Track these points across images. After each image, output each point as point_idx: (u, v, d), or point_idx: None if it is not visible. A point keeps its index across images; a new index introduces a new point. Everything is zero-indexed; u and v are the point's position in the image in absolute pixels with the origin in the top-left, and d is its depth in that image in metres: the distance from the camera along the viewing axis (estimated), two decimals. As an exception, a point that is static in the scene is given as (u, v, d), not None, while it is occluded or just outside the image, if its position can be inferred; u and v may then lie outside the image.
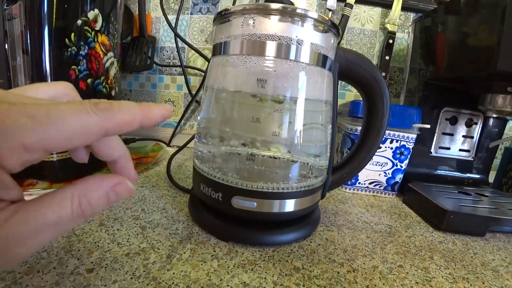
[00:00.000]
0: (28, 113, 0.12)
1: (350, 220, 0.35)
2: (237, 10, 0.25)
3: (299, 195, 0.27)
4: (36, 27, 0.33)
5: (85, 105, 0.13)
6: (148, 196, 0.36)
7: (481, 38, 0.36)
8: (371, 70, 0.30)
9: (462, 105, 0.48)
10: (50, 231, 0.13)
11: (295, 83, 0.26)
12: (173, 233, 0.28)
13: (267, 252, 0.26)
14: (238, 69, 0.26)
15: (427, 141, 0.49)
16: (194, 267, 0.23)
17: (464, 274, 0.26)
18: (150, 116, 0.15)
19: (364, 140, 0.33)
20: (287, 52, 0.25)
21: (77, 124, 0.12)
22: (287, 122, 0.27)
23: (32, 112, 0.12)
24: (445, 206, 0.35)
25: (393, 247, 0.30)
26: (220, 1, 0.64)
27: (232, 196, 0.26)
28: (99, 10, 0.39)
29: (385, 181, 0.45)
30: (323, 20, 0.25)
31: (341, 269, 0.25)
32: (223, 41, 0.27)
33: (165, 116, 0.16)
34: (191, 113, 0.70)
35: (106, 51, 0.42)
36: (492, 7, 0.34)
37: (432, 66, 0.47)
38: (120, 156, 0.18)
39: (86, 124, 0.13)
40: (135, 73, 0.70)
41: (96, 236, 0.26)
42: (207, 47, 0.66)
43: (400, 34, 0.63)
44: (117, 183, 0.15)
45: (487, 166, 0.51)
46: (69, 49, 0.36)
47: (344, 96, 0.65)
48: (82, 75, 0.38)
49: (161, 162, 0.51)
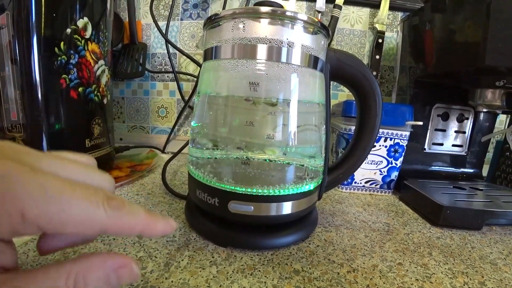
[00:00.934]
0: (42, 184, 0.11)
1: (348, 220, 0.35)
2: (227, 15, 0.25)
3: (295, 197, 0.27)
4: (25, 37, 0.33)
5: (99, 196, 0.12)
6: (143, 204, 0.35)
7: (468, 34, 0.36)
8: (362, 69, 0.30)
9: (453, 101, 0.48)
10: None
11: (287, 85, 0.26)
12: (170, 241, 0.28)
13: (266, 255, 0.26)
14: (230, 73, 0.26)
15: (420, 138, 0.49)
16: (192, 274, 0.23)
17: (463, 268, 0.26)
18: (151, 230, 0.14)
19: (358, 140, 0.33)
20: (278, 55, 0.25)
21: (83, 213, 0.12)
22: (281, 124, 0.27)
23: (46, 184, 0.11)
24: (441, 202, 0.35)
25: (392, 245, 0.30)
26: (210, 6, 0.65)
27: (229, 201, 0.26)
28: (89, 18, 0.39)
29: (381, 179, 0.46)
30: (313, 22, 0.26)
31: (341, 269, 0.25)
32: (214, 45, 0.27)
33: (166, 233, 0.15)
34: (185, 119, 0.70)
35: (97, 59, 0.42)
36: (477, 3, 0.35)
37: (421, 64, 0.48)
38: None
39: (92, 216, 0.12)
40: (127, 81, 0.70)
41: (92, 246, 0.26)
42: (198, 53, 0.66)
43: (389, 33, 0.64)
44: (121, 266, 0.14)
45: (480, 160, 0.51)
46: (59, 58, 0.35)
47: (337, 97, 0.66)
48: (73, 84, 0.37)
49: (156, 169, 0.51)
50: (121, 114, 0.72)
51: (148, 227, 0.14)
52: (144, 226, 0.14)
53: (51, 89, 0.35)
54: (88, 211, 0.12)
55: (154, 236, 0.15)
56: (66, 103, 0.37)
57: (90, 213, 0.12)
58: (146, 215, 0.14)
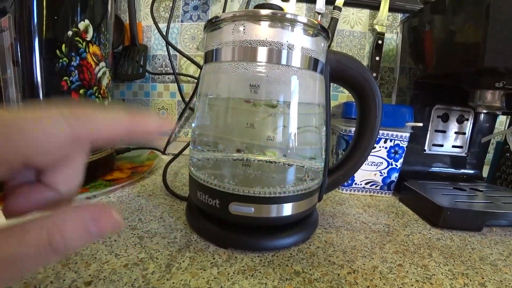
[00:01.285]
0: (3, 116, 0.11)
1: (348, 221, 0.35)
2: (227, 17, 0.26)
3: (296, 199, 0.28)
4: (26, 39, 0.33)
5: (57, 110, 0.12)
6: (144, 206, 0.36)
7: (468, 36, 0.37)
8: (362, 71, 0.30)
9: (452, 102, 0.49)
10: (9, 269, 0.11)
11: (287, 87, 0.26)
12: (171, 242, 0.28)
13: (266, 257, 0.26)
14: (230, 75, 0.26)
15: (421, 139, 0.49)
16: (194, 276, 0.23)
17: (463, 270, 0.26)
18: (141, 127, 0.13)
19: (358, 141, 0.33)
20: (278, 57, 0.25)
21: (44, 130, 0.11)
22: (281, 126, 0.27)
23: (7, 116, 0.11)
24: (441, 203, 0.35)
25: (392, 246, 0.30)
26: (210, 8, 0.65)
27: (230, 202, 0.26)
28: (90, 20, 0.39)
29: (381, 181, 0.46)
30: (312, 24, 0.26)
31: (341, 271, 0.25)
32: (214, 48, 0.27)
33: (160, 130, 0.14)
34: (185, 120, 0.70)
35: (98, 61, 0.42)
36: (476, 5, 0.35)
37: (421, 65, 0.48)
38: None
39: (52, 130, 0.11)
40: (127, 82, 0.70)
41: (93, 248, 0.26)
42: (199, 54, 0.66)
43: (388, 34, 0.64)
44: (100, 214, 0.12)
45: (480, 161, 0.51)
46: (61, 60, 0.35)
47: (337, 98, 0.66)
48: (74, 86, 0.38)
49: (157, 171, 0.51)
50: (122, 116, 0.72)
51: (133, 124, 0.13)
52: (128, 125, 0.13)
53: (53, 91, 0.35)
54: (47, 126, 0.12)
55: (149, 136, 0.13)
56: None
57: (50, 127, 0.12)
58: (125, 114, 0.13)
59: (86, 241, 0.12)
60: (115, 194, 0.39)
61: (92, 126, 0.13)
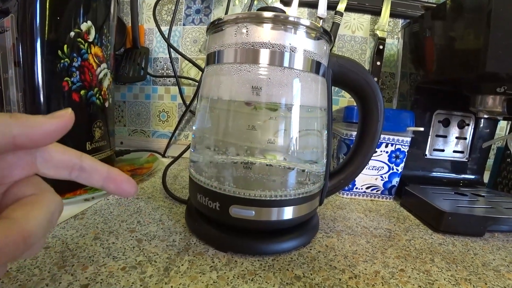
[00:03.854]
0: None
1: (349, 226, 0.35)
2: (230, 19, 0.26)
3: (297, 202, 0.27)
4: (28, 40, 0.33)
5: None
6: (143, 208, 0.35)
7: (468, 41, 0.37)
8: (364, 75, 0.30)
9: (453, 107, 0.49)
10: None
11: (289, 90, 0.26)
12: (170, 245, 0.27)
13: (266, 261, 0.26)
14: (232, 77, 0.26)
15: (422, 144, 0.49)
16: (192, 279, 0.23)
17: (466, 275, 0.26)
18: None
19: (359, 145, 0.33)
20: (280, 60, 0.25)
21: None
22: (282, 129, 0.27)
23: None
24: (443, 208, 0.35)
25: (394, 251, 0.29)
26: (213, 12, 0.65)
27: (230, 205, 0.26)
28: (92, 22, 0.39)
29: (382, 185, 0.46)
30: (315, 27, 0.26)
31: (343, 275, 0.25)
32: (216, 50, 0.27)
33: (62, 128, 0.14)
34: (186, 123, 0.70)
35: (99, 62, 0.42)
36: (477, 11, 0.35)
37: (422, 70, 0.48)
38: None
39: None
40: (128, 85, 0.70)
41: (91, 250, 0.25)
42: (200, 57, 0.66)
43: (389, 40, 0.64)
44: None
45: (481, 166, 0.51)
46: (62, 61, 0.35)
47: (338, 102, 0.66)
48: (75, 86, 0.38)
49: (156, 173, 0.50)
50: (122, 118, 0.72)
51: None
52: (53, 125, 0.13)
53: (53, 92, 0.35)
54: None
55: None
56: (68, 106, 0.37)
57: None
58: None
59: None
60: (114, 196, 0.38)
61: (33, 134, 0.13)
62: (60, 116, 0.14)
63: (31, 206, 0.13)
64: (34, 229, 0.12)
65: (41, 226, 0.13)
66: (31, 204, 0.14)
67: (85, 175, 0.16)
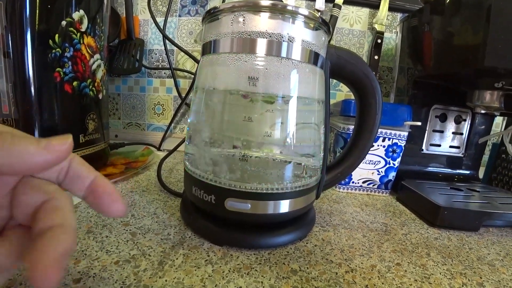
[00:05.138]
0: None
1: (346, 220, 0.35)
2: (226, 8, 0.25)
3: (293, 196, 0.27)
4: (18, 29, 0.32)
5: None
6: (138, 201, 0.35)
7: (467, 36, 0.36)
8: (363, 67, 0.30)
9: (451, 102, 0.48)
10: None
11: (287, 80, 0.26)
12: (164, 239, 0.27)
13: (262, 255, 0.26)
14: (228, 67, 0.26)
15: (418, 138, 0.49)
16: (187, 273, 0.22)
17: (461, 269, 0.26)
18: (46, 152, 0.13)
19: (357, 139, 0.33)
20: (278, 50, 0.24)
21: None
22: (279, 122, 0.26)
23: None
24: (439, 202, 0.35)
25: (390, 245, 0.29)
26: (209, 2, 0.64)
27: (225, 198, 0.25)
28: (85, 11, 0.38)
29: (379, 180, 0.45)
30: (313, 17, 0.25)
31: (339, 269, 0.24)
32: (212, 39, 0.26)
33: (61, 152, 0.13)
34: (181, 116, 0.69)
35: (93, 53, 0.41)
36: (477, 6, 0.35)
37: (420, 65, 0.47)
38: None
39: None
40: (123, 77, 0.69)
41: (84, 244, 0.25)
42: (196, 49, 0.65)
43: (388, 34, 0.64)
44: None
45: (477, 162, 0.52)
46: (53, 51, 0.34)
47: (335, 96, 0.66)
48: (68, 77, 0.37)
49: (151, 166, 0.50)
50: (117, 111, 0.71)
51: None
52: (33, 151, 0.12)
53: (45, 83, 0.34)
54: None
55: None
56: (60, 97, 0.36)
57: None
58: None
59: None
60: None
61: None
62: (55, 149, 0.13)
63: (59, 214, 0.14)
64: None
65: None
66: (55, 211, 0.14)
67: (67, 180, 0.15)
